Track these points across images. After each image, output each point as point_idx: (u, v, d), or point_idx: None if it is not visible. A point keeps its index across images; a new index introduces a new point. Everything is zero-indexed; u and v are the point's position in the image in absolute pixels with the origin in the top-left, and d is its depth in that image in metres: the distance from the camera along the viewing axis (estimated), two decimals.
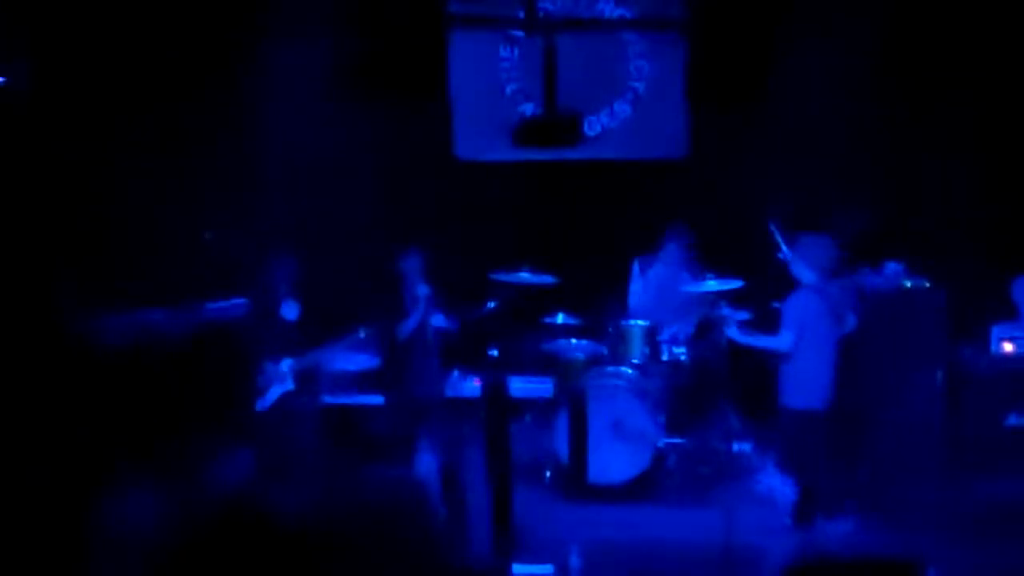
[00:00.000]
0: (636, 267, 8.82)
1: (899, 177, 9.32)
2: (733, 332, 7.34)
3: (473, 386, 8.30)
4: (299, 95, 9.75)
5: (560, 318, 8.58)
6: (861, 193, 9.21)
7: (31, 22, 8.30)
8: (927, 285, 7.95)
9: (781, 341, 7.06)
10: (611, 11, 9.91)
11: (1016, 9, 8.87)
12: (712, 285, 8.13)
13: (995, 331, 8.09)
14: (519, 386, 8.24)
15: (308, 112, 9.79)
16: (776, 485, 7.86)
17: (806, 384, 7.04)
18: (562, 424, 7.96)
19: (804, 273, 7.14)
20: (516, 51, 9.93)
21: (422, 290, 7.55)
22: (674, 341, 8.28)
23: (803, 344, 7.01)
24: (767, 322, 7.74)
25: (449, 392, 8.53)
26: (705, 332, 8.29)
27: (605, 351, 8.46)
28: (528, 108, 9.87)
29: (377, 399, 7.95)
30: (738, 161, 9.58)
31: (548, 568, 6.26)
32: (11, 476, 5.85)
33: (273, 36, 9.64)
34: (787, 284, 7.31)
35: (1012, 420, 7.96)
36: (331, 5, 9.60)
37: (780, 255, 8.18)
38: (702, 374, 8.24)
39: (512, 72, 9.95)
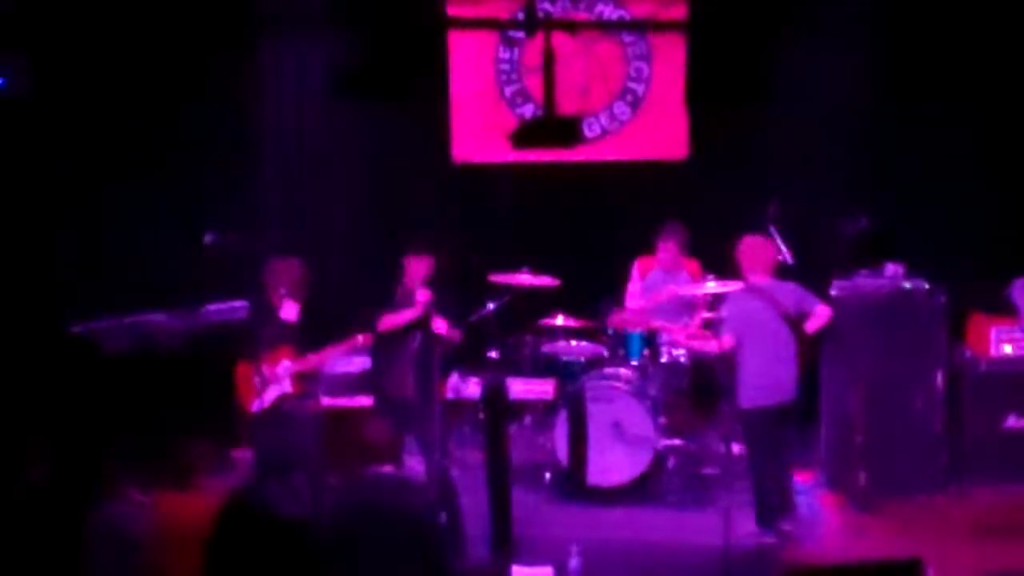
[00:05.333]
0: (635, 269, 8.82)
1: (899, 178, 9.32)
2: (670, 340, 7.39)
3: (472, 388, 8.29)
4: (299, 97, 9.77)
5: (560, 320, 8.59)
6: (861, 194, 9.21)
7: (31, 24, 8.31)
8: (927, 286, 7.95)
9: (720, 343, 7.09)
10: (611, 12, 9.91)
11: (1016, 11, 8.86)
12: (712, 287, 8.14)
13: (995, 332, 8.08)
14: (518, 388, 8.23)
15: (308, 114, 9.81)
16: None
17: (753, 383, 7.04)
18: (561, 426, 7.96)
19: (748, 275, 7.16)
20: (515, 52, 9.94)
21: (422, 295, 7.52)
22: (673, 343, 8.28)
23: (746, 345, 7.02)
24: None
25: (448, 394, 8.54)
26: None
27: (604, 353, 8.46)
28: (527, 110, 9.87)
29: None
30: (737, 163, 9.58)
31: (547, 570, 6.26)
32: (14, 477, 5.86)
33: (272, 38, 9.66)
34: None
35: (1011, 421, 7.96)
36: (330, 7, 9.61)
37: (779, 257, 8.19)
38: (701, 376, 8.23)
39: (511, 74, 9.96)
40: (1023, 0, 8.87)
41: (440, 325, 7.63)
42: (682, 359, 8.26)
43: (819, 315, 7.12)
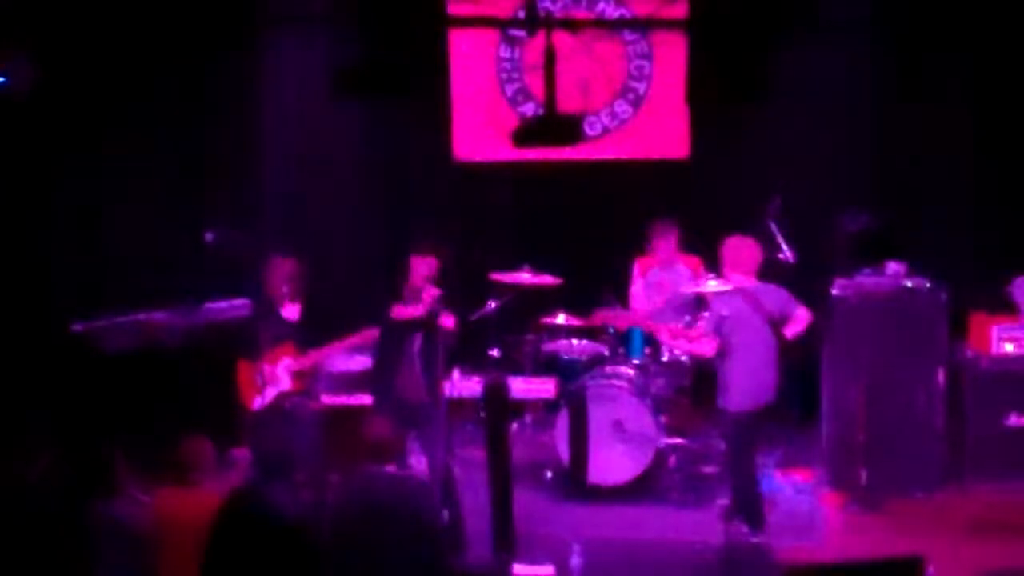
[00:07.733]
0: (636, 268, 8.82)
1: (899, 177, 9.32)
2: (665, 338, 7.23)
3: (473, 386, 8.28)
4: (299, 95, 9.75)
5: (561, 318, 8.58)
6: (862, 193, 9.21)
7: (31, 22, 8.30)
8: (928, 284, 7.95)
9: (704, 346, 6.98)
10: (612, 11, 9.90)
11: (1016, 11, 8.86)
12: (712, 286, 8.13)
13: (996, 331, 8.08)
14: (520, 386, 8.22)
15: (308, 113, 9.79)
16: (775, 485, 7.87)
17: (738, 386, 6.90)
18: (562, 424, 7.96)
19: (731, 276, 6.98)
20: (516, 51, 9.93)
21: (429, 292, 7.50)
22: (668, 344, 8.26)
23: (732, 347, 6.87)
24: None
25: (450, 392, 8.52)
26: None
27: (606, 351, 8.46)
28: (528, 108, 9.87)
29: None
30: (738, 161, 9.57)
31: (549, 568, 6.26)
32: (14, 476, 5.87)
33: (273, 36, 9.65)
34: (786, 285, 7.29)
35: (1012, 419, 7.96)
36: (331, 5, 9.60)
37: (780, 255, 8.19)
38: (703, 374, 8.23)
39: (512, 72, 9.95)
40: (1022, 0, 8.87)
41: (448, 321, 7.55)
42: (684, 358, 8.26)
43: (799, 319, 6.97)
